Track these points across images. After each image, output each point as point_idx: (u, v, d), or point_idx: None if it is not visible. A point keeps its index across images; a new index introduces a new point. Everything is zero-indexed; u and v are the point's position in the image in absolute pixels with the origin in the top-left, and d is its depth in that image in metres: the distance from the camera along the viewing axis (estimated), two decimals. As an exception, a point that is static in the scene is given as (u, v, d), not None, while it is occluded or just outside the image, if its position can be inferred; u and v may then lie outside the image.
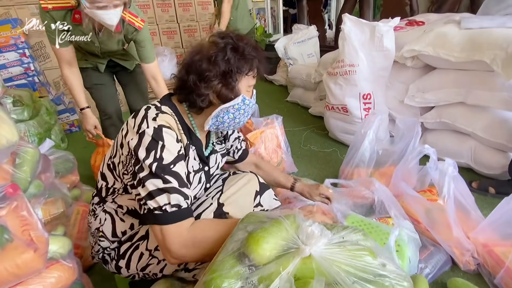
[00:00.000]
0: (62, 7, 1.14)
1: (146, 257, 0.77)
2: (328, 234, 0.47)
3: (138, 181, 0.65)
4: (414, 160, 1.12)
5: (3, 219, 0.63)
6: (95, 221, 0.80)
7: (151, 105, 0.74)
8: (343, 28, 1.57)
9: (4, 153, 0.71)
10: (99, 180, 0.81)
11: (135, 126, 0.68)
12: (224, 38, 0.73)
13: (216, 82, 0.72)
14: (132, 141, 0.67)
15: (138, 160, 0.65)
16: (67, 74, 1.32)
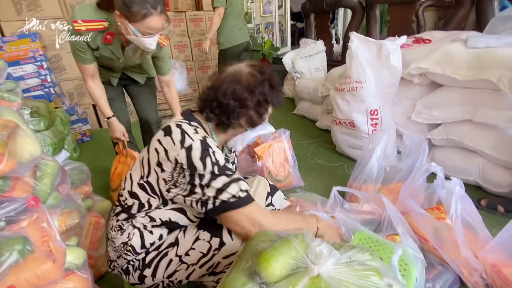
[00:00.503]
0: (95, 29, 1.19)
1: (175, 263, 0.81)
2: (336, 254, 0.49)
3: (201, 186, 0.73)
4: (421, 178, 1.13)
5: (25, 231, 0.66)
6: (121, 236, 0.83)
7: (180, 122, 0.80)
8: (350, 46, 1.61)
9: (27, 167, 0.75)
10: (127, 198, 0.84)
11: (175, 143, 0.74)
12: (263, 74, 0.84)
13: (251, 110, 0.84)
14: (179, 156, 0.73)
15: (195, 170, 0.73)
16: (91, 86, 1.38)
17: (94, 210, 1.30)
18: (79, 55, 1.28)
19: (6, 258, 0.57)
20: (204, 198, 0.74)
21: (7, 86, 1.56)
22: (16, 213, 0.66)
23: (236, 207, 0.74)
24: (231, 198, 0.73)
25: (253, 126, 0.88)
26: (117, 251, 0.85)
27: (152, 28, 1.12)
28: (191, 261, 0.81)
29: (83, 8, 1.22)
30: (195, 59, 3.56)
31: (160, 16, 1.12)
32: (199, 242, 0.81)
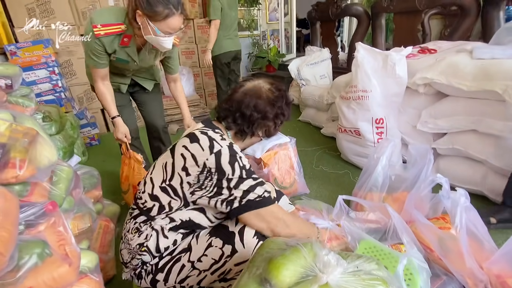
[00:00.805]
0: (113, 33, 1.23)
1: (187, 269, 0.84)
2: (343, 263, 0.50)
3: (229, 188, 0.80)
4: (426, 189, 1.14)
5: (43, 234, 0.69)
6: (138, 237, 0.86)
7: (205, 130, 0.86)
8: (356, 56, 1.64)
9: (45, 172, 0.78)
10: (146, 201, 0.87)
11: (204, 148, 0.81)
12: (280, 91, 0.96)
13: (270, 121, 0.95)
14: (208, 161, 0.80)
15: (224, 173, 0.80)
16: (100, 87, 1.41)
17: (103, 214, 1.33)
18: (94, 59, 1.30)
19: (26, 261, 0.60)
20: (230, 198, 0.81)
21: (22, 92, 1.61)
22: (35, 217, 0.69)
23: (262, 206, 0.82)
24: (257, 198, 0.81)
25: (268, 136, 1.00)
26: (132, 252, 0.87)
27: (172, 28, 1.16)
28: (203, 267, 0.84)
29: (101, 13, 1.26)
30: (202, 65, 3.61)
31: (180, 16, 1.16)
32: (212, 249, 0.84)
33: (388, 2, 2.60)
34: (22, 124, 0.78)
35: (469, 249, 0.97)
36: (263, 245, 0.59)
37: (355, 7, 3.07)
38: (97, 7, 2.91)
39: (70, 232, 0.74)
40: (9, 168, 0.67)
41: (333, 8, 3.19)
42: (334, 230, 1.12)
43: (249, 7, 4.51)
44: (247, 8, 4.51)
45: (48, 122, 1.85)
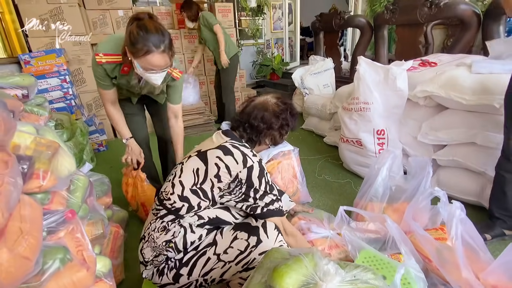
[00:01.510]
0: (113, 62, 1.29)
1: (213, 261, 0.94)
2: (342, 272, 0.55)
3: (255, 198, 0.96)
4: (425, 201, 1.18)
5: (63, 240, 0.74)
6: (165, 235, 0.95)
7: (236, 144, 0.99)
8: (358, 69, 1.69)
9: (65, 182, 0.84)
10: (175, 201, 0.96)
11: (238, 162, 0.94)
12: (285, 104, 1.09)
13: (275, 131, 1.07)
14: (241, 173, 0.93)
15: (252, 185, 0.95)
16: (111, 111, 1.47)
17: (113, 220, 1.39)
18: (99, 81, 1.38)
19: (49, 266, 0.65)
20: (254, 206, 0.96)
21: (36, 101, 1.68)
22: (56, 224, 0.74)
23: (277, 215, 0.99)
24: (274, 209, 0.98)
25: (275, 144, 1.13)
26: (157, 250, 0.95)
27: (153, 65, 1.16)
28: (228, 258, 0.94)
29: (106, 41, 1.32)
30: (207, 73, 3.69)
31: (161, 54, 1.15)
32: (237, 241, 0.94)
33: (390, 15, 2.67)
34: (44, 137, 0.84)
35: (466, 260, 1.00)
36: (268, 255, 0.64)
37: (358, 19, 3.14)
38: (107, 17, 3.01)
39: (87, 238, 0.80)
40: (34, 179, 0.73)
41: (336, 19, 3.26)
42: (334, 239, 1.16)
43: (254, 16, 4.61)
44: (252, 18, 4.61)
45: (60, 129, 1.92)
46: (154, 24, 1.14)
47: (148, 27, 1.12)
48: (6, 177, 0.56)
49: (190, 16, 2.87)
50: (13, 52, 2.66)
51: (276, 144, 1.13)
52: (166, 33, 1.17)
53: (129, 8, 3.10)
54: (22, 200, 0.65)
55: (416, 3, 2.45)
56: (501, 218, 1.29)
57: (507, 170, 1.22)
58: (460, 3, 2.21)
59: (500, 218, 1.30)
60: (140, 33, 1.11)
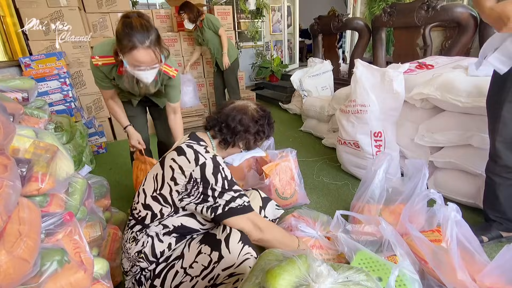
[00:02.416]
0: (109, 63, 1.33)
1: (180, 275, 0.92)
2: (334, 274, 0.56)
3: (214, 197, 0.90)
4: (421, 202, 1.19)
5: (61, 242, 0.75)
6: (136, 245, 0.94)
7: (190, 143, 0.95)
8: (355, 72, 1.70)
9: (63, 184, 0.85)
10: (140, 210, 0.96)
11: (190, 161, 0.90)
12: (264, 112, 1.10)
13: (251, 136, 1.06)
14: (194, 172, 0.89)
15: (208, 183, 0.89)
16: (111, 104, 1.55)
17: (111, 222, 1.39)
18: (99, 82, 1.44)
19: (47, 267, 0.66)
20: (215, 206, 0.91)
21: (36, 104, 1.70)
22: (54, 226, 0.75)
23: (242, 213, 0.93)
24: (238, 206, 0.93)
25: (248, 149, 1.11)
26: (131, 260, 0.95)
27: (138, 60, 1.18)
28: (194, 273, 0.91)
29: (103, 45, 1.35)
30: (206, 75, 3.71)
31: (146, 50, 1.16)
32: (201, 256, 0.92)
33: (388, 17, 2.68)
34: (43, 140, 0.85)
35: (461, 262, 1.01)
36: (262, 256, 0.65)
37: (356, 21, 3.16)
38: (107, 20, 3.03)
39: (85, 241, 0.80)
40: (33, 182, 0.74)
41: (334, 22, 3.28)
42: (319, 240, 1.18)
43: (253, 19, 4.64)
44: (251, 20, 4.64)
45: (59, 132, 1.93)
46: (140, 21, 1.16)
47: (133, 24, 1.14)
48: (5, 181, 0.57)
49: (191, 18, 2.92)
50: (13, 55, 2.67)
51: (249, 149, 1.12)
52: (152, 30, 1.18)
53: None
54: (21, 202, 0.66)
55: (413, 6, 2.47)
56: (497, 220, 1.30)
57: (495, 173, 1.23)
58: (457, 6, 2.23)
59: (496, 221, 1.30)
60: (125, 30, 1.13)
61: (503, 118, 1.13)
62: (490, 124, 1.22)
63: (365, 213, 1.44)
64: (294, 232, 1.29)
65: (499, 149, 1.19)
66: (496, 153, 1.20)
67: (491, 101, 1.20)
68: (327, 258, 1.20)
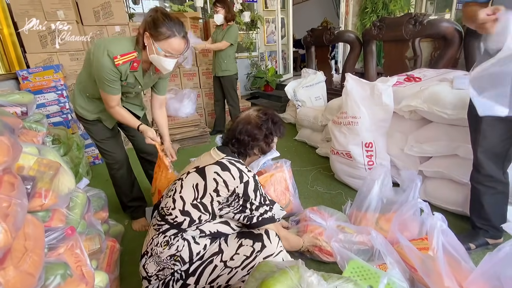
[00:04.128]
0: (128, 61, 1.34)
1: (219, 268, 1.00)
2: (324, 284, 0.60)
3: (251, 210, 1.05)
4: (410, 211, 1.23)
5: (63, 256, 0.78)
6: (169, 250, 1.00)
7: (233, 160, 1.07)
8: (346, 85, 1.77)
9: (65, 200, 0.88)
10: (177, 216, 1.01)
11: (235, 178, 1.01)
12: (266, 115, 1.16)
13: (261, 142, 1.14)
14: (238, 188, 1.01)
15: (249, 198, 1.03)
16: (118, 110, 1.48)
17: (109, 234, 1.41)
18: (110, 87, 1.37)
19: (51, 281, 0.68)
20: (251, 216, 1.06)
21: (35, 117, 1.72)
22: (57, 241, 0.78)
23: (270, 222, 1.10)
24: (269, 217, 1.09)
25: (264, 153, 1.20)
26: (161, 264, 1.00)
27: (173, 48, 1.28)
28: (235, 264, 1.02)
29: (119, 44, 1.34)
30: (202, 86, 3.77)
31: (182, 40, 1.29)
32: (243, 248, 1.02)
33: (378, 31, 2.79)
34: (46, 157, 0.89)
35: (448, 269, 1.05)
36: (256, 268, 0.68)
37: (347, 34, 3.26)
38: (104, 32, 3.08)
39: (86, 254, 0.83)
40: (36, 198, 0.77)
41: (326, 35, 3.39)
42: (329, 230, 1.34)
43: (248, 30, 4.74)
44: (246, 32, 4.74)
45: (57, 144, 1.95)
46: (173, 15, 1.30)
47: (172, 17, 1.28)
48: (13, 199, 0.60)
49: (227, 16, 2.98)
50: (11, 68, 2.70)
51: (265, 153, 1.21)
52: (184, 25, 1.32)
53: (125, 24, 3.18)
54: (26, 218, 0.69)
55: (401, 20, 2.57)
56: (483, 228, 1.35)
57: (479, 182, 1.29)
58: (442, 21, 2.34)
59: (482, 228, 1.36)
60: (166, 19, 1.25)
61: (483, 131, 1.20)
62: (472, 136, 1.29)
63: (363, 222, 1.49)
64: (307, 221, 1.48)
65: (481, 159, 1.25)
66: (479, 163, 1.27)
67: (471, 115, 1.27)
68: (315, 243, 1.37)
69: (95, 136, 1.63)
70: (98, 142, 1.65)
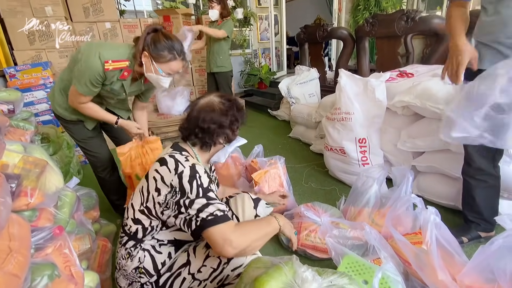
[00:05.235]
0: (119, 68, 1.30)
1: (188, 281, 0.93)
2: (318, 279, 0.59)
3: (186, 206, 0.86)
4: (403, 207, 1.24)
5: (50, 257, 0.76)
6: (131, 262, 0.94)
7: (173, 153, 0.95)
8: (339, 81, 1.77)
9: (53, 199, 0.85)
10: (131, 225, 0.96)
11: (171, 170, 0.90)
12: (230, 101, 1.07)
13: (227, 129, 1.05)
14: (173, 181, 0.88)
15: (184, 192, 0.87)
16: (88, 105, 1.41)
17: (100, 234, 1.39)
18: (89, 88, 1.32)
19: (38, 282, 0.66)
20: (188, 218, 0.86)
21: (22, 115, 1.68)
22: (44, 241, 0.76)
23: (212, 225, 0.84)
24: (209, 216, 0.84)
25: (229, 142, 1.10)
26: (129, 278, 0.95)
27: (173, 70, 1.31)
28: (203, 277, 0.93)
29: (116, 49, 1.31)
30: (195, 84, 3.73)
31: (182, 62, 1.31)
32: (210, 259, 0.94)
33: (370, 27, 2.79)
34: (32, 155, 0.86)
35: (441, 263, 1.06)
36: (250, 264, 0.67)
37: (340, 31, 3.26)
38: (94, 29, 3.02)
39: (75, 254, 0.81)
40: (22, 197, 0.74)
41: (320, 31, 3.38)
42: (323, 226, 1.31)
43: (241, 27, 4.71)
44: (239, 29, 4.71)
45: (46, 143, 1.91)
46: (173, 35, 1.30)
47: (171, 37, 1.27)
48: (-4, 197, 0.58)
49: (223, 13, 2.92)
50: (-3, 65, 2.63)
51: (230, 142, 1.11)
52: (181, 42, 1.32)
53: (116, 21, 3.13)
54: (11, 218, 0.67)
55: (393, 17, 2.58)
56: (475, 221, 1.37)
57: (470, 176, 1.31)
58: (434, 18, 2.35)
59: (474, 221, 1.37)
60: (167, 42, 1.24)
61: None
62: None
63: (359, 217, 1.49)
64: (301, 218, 1.45)
65: (471, 153, 1.26)
66: (470, 157, 1.28)
67: None
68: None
69: (75, 136, 1.58)
70: (80, 142, 1.60)
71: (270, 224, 0.98)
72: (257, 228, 0.93)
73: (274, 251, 1.46)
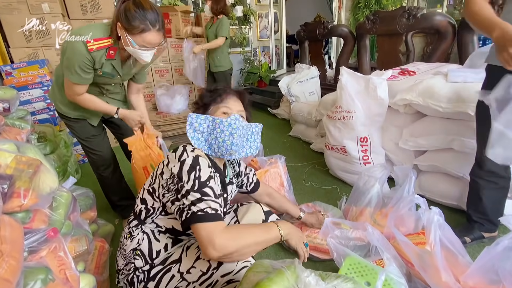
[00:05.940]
0: (103, 47, 1.24)
1: (176, 279, 0.90)
2: (322, 284, 0.57)
3: (182, 195, 0.83)
4: (406, 207, 1.22)
5: (45, 260, 0.73)
6: (131, 242, 0.94)
7: (186, 144, 0.95)
8: (340, 79, 1.74)
9: (47, 199, 0.83)
10: (138, 205, 0.97)
11: (176, 157, 0.88)
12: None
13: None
14: (174, 168, 0.87)
15: (181, 180, 0.84)
16: (85, 96, 1.37)
17: (98, 235, 1.36)
18: (80, 75, 1.26)
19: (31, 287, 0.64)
20: (182, 207, 0.83)
21: (18, 114, 1.65)
22: (38, 243, 0.73)
23: (200, 221, 0.79)
24: (199, 212, 0.80)
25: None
26: (126, 258, 0.95)
27: (148, 42, 1.20)
28: (192, 278, 0.89)
29: (94, 28, 1.25)
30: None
31: (157, 33, 1.20)
32: (200, 261, 0.91)
33: (371, 25, 2.76)
34: (26, 154, 0.83)
35: (445, 264, 1.04)
36: (251, 268, 0.65)
37: (341, 28, 3.23)
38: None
39: (70, 257, 0.79)
40: (14, 198, 0.72)
41: (320, 29, 3.35)
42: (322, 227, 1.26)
43: (241, 25, 4.67)
44: (239, 27, 4.67)
45: (43, 142, 1.88)
46: (149, 3, 1.17)
47: (144, 5, 1.15)
48: (-15, 200, 0.55)
49: (213, 8, 2.92)
50: (-7, 63, 2.59)
51: None
52: (160, 12, 1.20)
53: (114, 18, 3.09)
54: (2, 220, 0.64)
55: (395, 14, 2.55)
56: (479, 221, 1.34)
57: (480, 177, 1.27)
58: (436, 15, 2.32)
59: (478, 222, 1.35)
60: (137, 11, 1.13)
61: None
62: (479, 130, 1.25)
63: (361, 217, 1.47)
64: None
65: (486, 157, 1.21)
66: (482, 159, 1.23)
67: (480, 109, 1.21)
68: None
69: (79, 135, 1.55)
70: (83, 140, 1.57)
71: (268, 232, 0.90)
72: (250, 234, 0.85)
73: (275, 252, 1.43)
